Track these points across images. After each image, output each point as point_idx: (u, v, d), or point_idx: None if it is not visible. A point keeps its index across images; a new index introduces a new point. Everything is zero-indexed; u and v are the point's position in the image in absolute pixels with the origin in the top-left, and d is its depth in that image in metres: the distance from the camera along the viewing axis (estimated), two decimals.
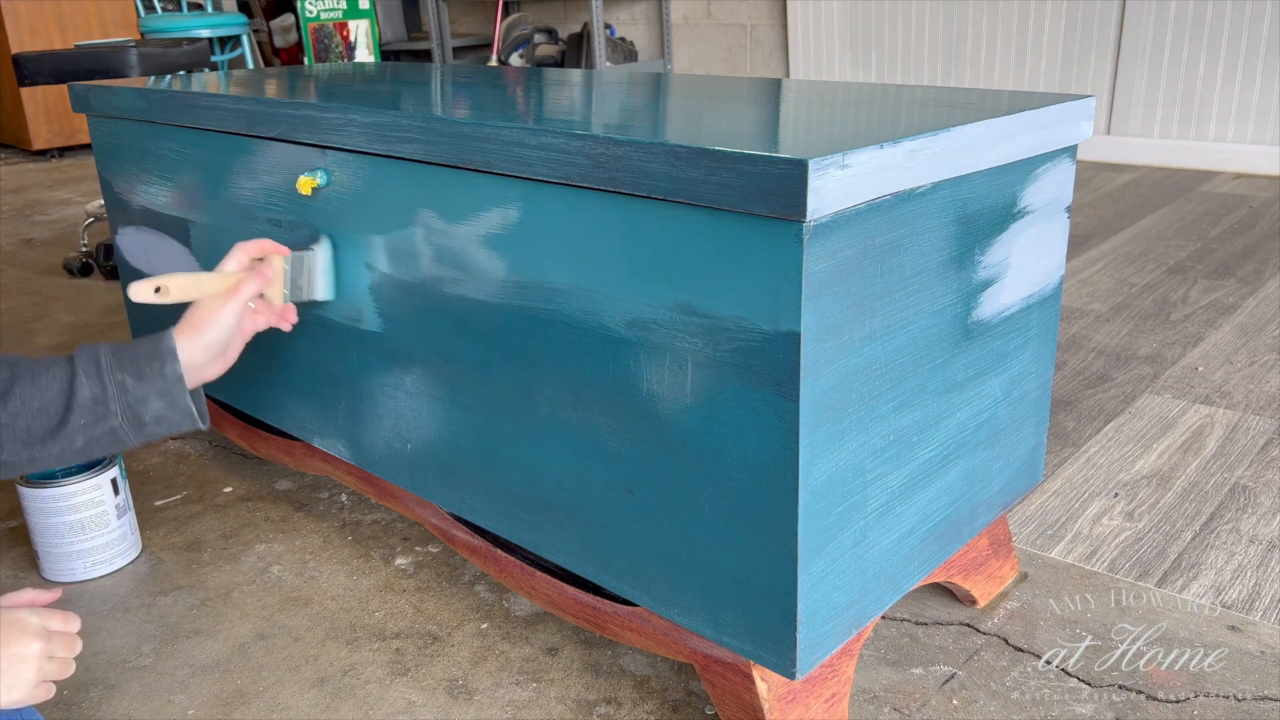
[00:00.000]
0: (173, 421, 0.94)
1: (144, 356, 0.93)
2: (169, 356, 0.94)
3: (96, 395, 0.90)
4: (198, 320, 0.98)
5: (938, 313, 0.87)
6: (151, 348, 0.94)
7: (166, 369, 0.93)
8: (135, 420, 0.92)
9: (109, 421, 0.91)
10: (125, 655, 1.13)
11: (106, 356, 0.92)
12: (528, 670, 1.07)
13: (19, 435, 0.88)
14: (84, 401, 0.90)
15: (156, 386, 0.93)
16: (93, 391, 0.90)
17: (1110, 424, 1.58)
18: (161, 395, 0.93)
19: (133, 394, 0.91)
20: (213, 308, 0.98)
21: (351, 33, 4.62)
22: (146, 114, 1.33)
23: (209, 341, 0.97)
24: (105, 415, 0.90)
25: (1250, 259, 2.39)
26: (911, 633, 1.11)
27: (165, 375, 0.93)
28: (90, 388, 0.90)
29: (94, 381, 0.90)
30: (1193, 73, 3.35)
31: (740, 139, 0.76)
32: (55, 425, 0.89)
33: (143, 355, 0.93)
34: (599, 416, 0.89)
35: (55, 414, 0.89)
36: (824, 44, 4.23)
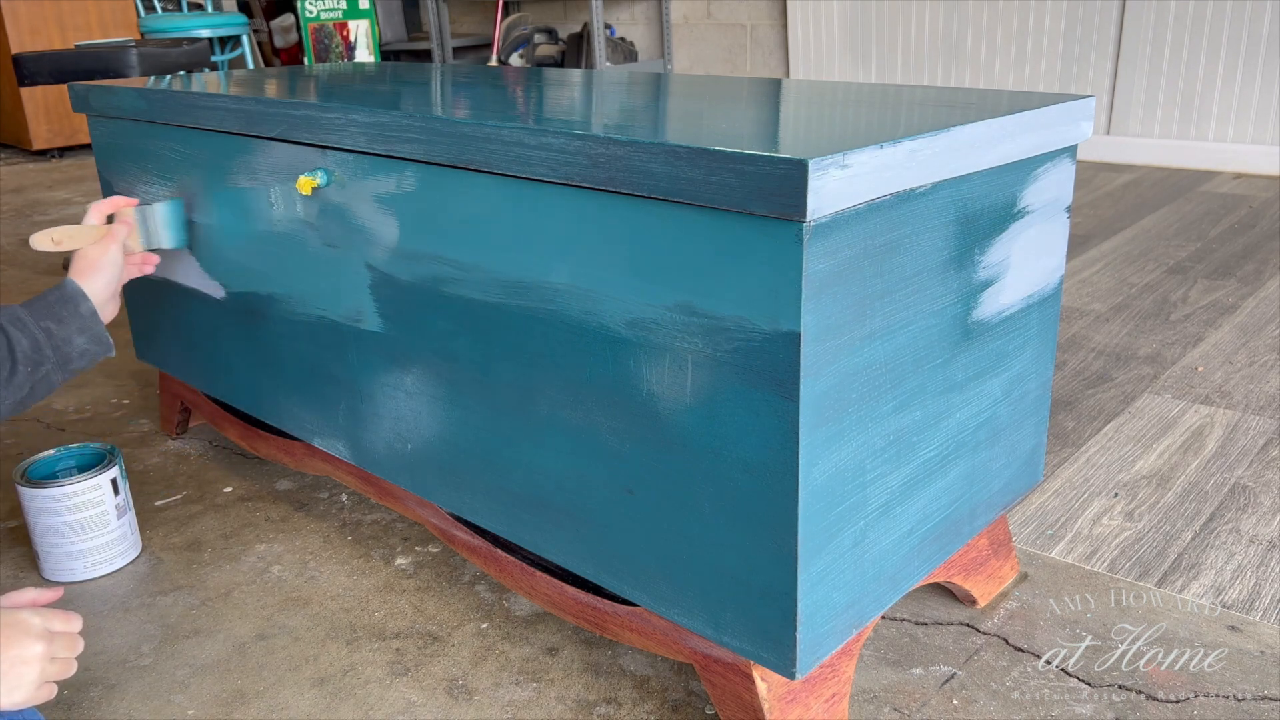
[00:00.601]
0: (94, 353, 1.09)
1: (57, 303, 1.07)
2: (79, 298, 1.08)
3: (33, 343, 1.03)
4: (90, 263, 1.12)
5: (938, 313, 0.87)
6: (60, 295, 1.07)
7: (81, 308, 1.08)
8: (64, 359, 1.06)
9: (44, 367, 1.03)
10: (125, 655, 1.13)
11: (23, 312, 1.04)
12: (528, 670, 1.07)
13: None
14: (25, 351, 1.02)
15: (76, 325, 1.07)
16: (30, 340, 1.03)
17: (1110, 424, 1.58)
18: (82, 331, 1.07)
19: (58, 336, 1.05)
20: (99, 252, 1.13)
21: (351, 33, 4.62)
22: (146, 114, 1.33)
23: (107, 279, 1.12)
24: (41, 360, 1.03)
25: (1250, 259, 2.39)
26: (911, 633, 1.11)
27: (82, 314, 1.07)
28: (25, 338, 1.02)
29: (25, 333, 1.03)
30: (1193, 73, 3.35)
31: (740, 139, 0.76)
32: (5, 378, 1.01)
33: (55, 302, 1.07)
34: (599, 416, 0.89)
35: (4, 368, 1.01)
36: (824, 44, 4.23)
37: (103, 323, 1.10)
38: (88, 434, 1.71)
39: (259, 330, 1.29)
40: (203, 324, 1.40)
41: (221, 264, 1.31)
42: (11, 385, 1.01)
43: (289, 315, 1.23)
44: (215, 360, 1.41)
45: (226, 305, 1.33)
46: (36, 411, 1.81)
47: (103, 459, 1.31)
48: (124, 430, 1.72)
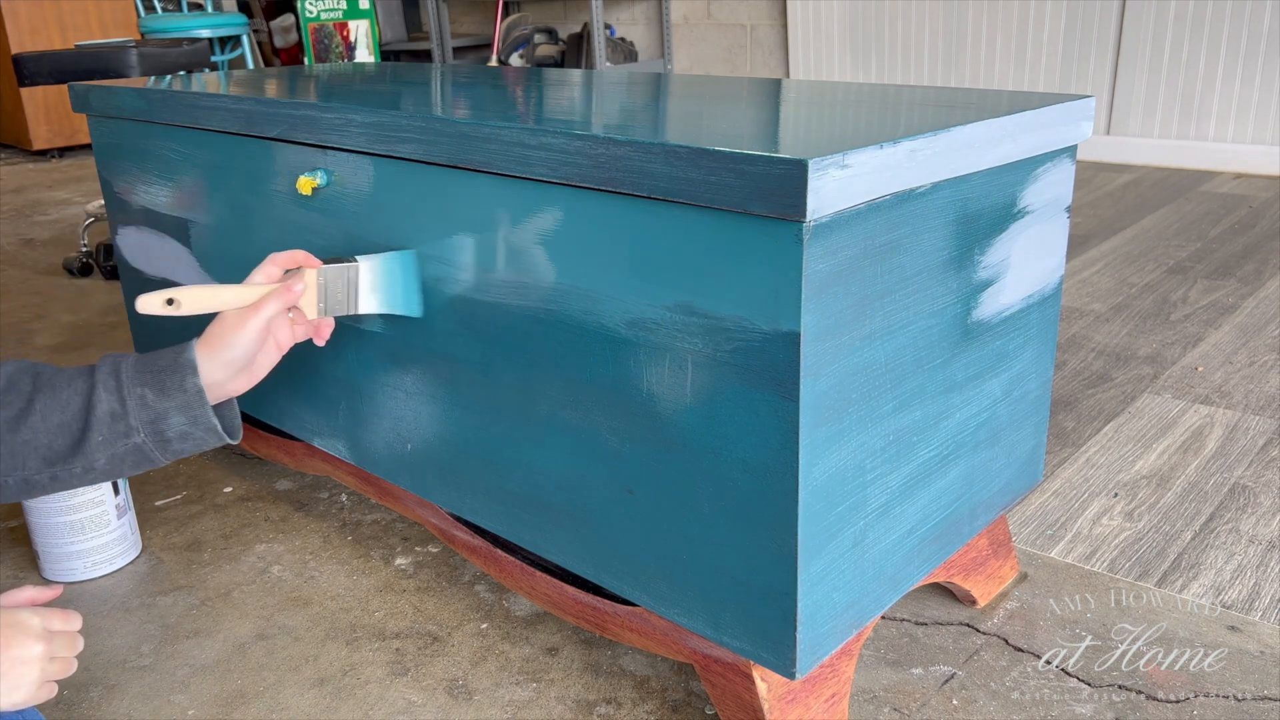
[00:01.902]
0: (197, 438, 0.90)
1: (165, 370, 0.89)
2: (189, 370, 0.89)
3: (115, 410, 0.86)
4: (217, 335, 0.92)
5: (938, 313, 0.87)
6: (172, 360, 0.89)
7: (187, 383, 0.88)
8: (159, 436, 0.88)
9: (131, 439, 0.87)
10: (125, 655, 1.13)
11: (127, 370, 0.88)
12: (528, 670, 1.07)
13: (40, 452, 0.85)
14: (102, 417, 0.86)
15: (177, 401, 0.88)
16: (110, 406, 0.86)
17: (1110, 424, 1.58)
18: (182, 410, 0.88)
19: (154, 409, 0.87)
20: (233, 324, 0.92)
21: (351, 33, 4.62)
22: (146, 114, 1.33)
23: (227, 360, 0.91)
24: (126, 432, 0.87)
25: (1250, 259, 2.39)
26: (911, 633, 1.11)
27: (186, 389, 0.88)
28: (109, 402, 0.86)
29: (113, 396, 0.86)
30: (1193, 73, 3.35)
31: (740, 139, 0.76)
32: (75, 442, 0.86)
33: (164, 368, 0.89)
34: (599, 416, 0.89)
35: (75, 430, 0.86)
36: (824, 44, 4.23)
37: (209, 406, 0.89)
38: None
39: None
40: (203, 324, 1.40)
41: (221, 264, 1.31)
42: (81, 453, 0.86)
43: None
44: None
45: None
46: None
47: None
48: None
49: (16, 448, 0.85)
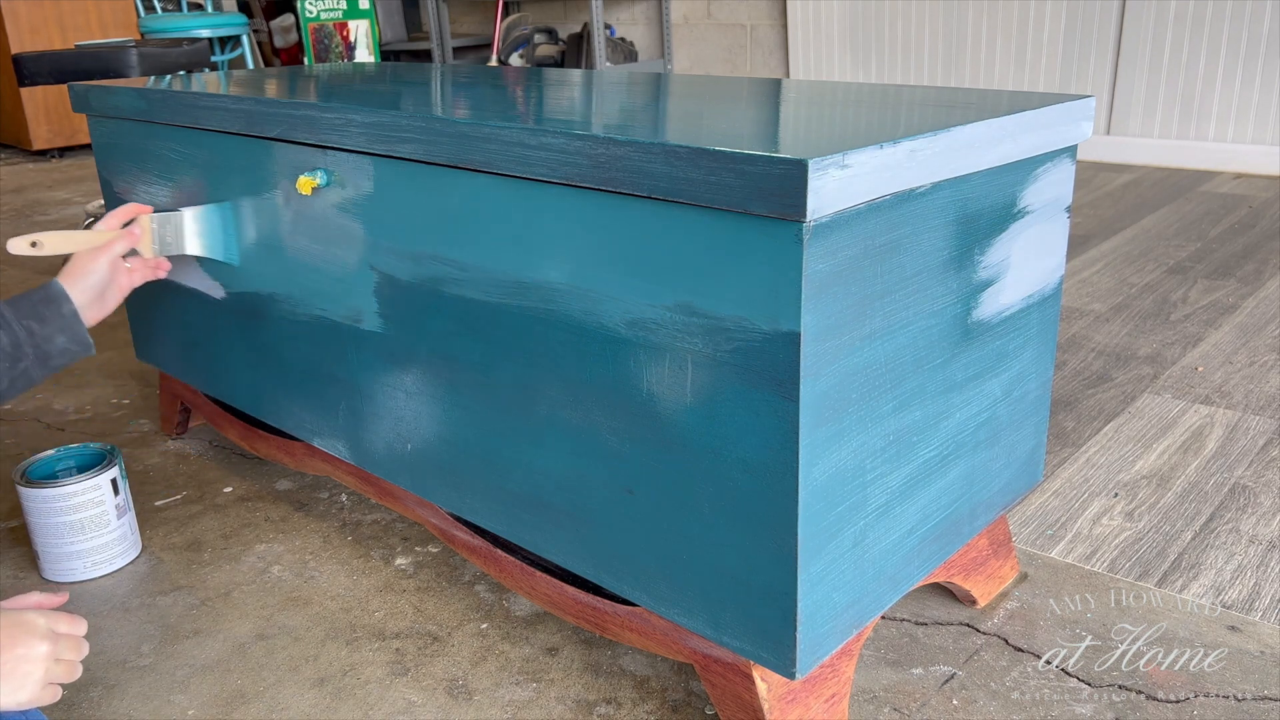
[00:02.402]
0: (73, 352, 1.11)
1: (40, 302, 1.09)
2: (62, 299, 1.10)
3: (13, 340, 1.05)
4: (77, 268, 1.14)
5: (938, 313, 0.87)
6: (45, 294, 1.10)
7: (64, 309, 1.10)
8: (43, 357, 1.08)
9: (22, 363, 1.06)
10: (125, 655, 1.13)
11: (6, 309, 1.06)
12: (528, 670, 1.07)
13: None
14: (3, 347, 1.04)
15: (58, 325, 1.09)
16: (10, 337, 1.05)
17: (1110, 424, 1.58)
18: (63, 331, 1.09)
19: (39, 335, 1.07)
20: (88, 258, 1.15)
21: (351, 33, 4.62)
22: (146, 114, 1.33)
23: (88, 285, 1.13)
24: (20, 357, 1.05)
25: (1250, 259, 2.39)
26: (911, 633, 1.11)
27: (64, 314, 1.10)
28: (5, 335, 1.05)
29: (6, 330, 1.05)
30: (1193, 73, 3.35)
31: (740, 139, 0.76)
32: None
33: (39, 301, 1.09)
34: (599, 416, 0.89)
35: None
36: (824, 44, 4.23)
37: (84, 324, 1.12)
38: (88, 434, 1.71)
39: (259, 330, 1.29)
40: (203, 324, 1.40)
41: (221, 264, 1.31)
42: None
43: (289, 315, 1.23)
44: (215, 360, 1.41)
45: (226, 305, 1.33)
46: (36, 411, 1.81)
47: (103, 459, 1.31)
48: (124, 430, 1.72)
49: None
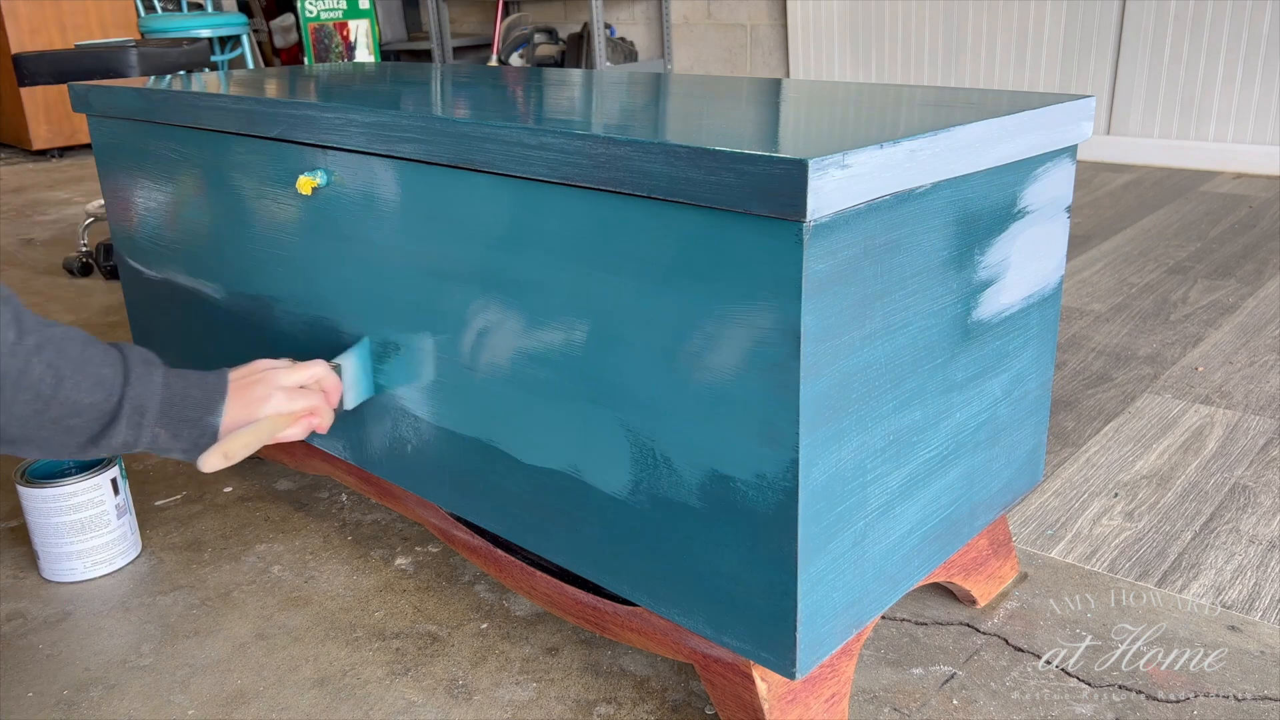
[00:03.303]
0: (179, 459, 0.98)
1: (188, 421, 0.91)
2: (209, 434, 0.92)
3: (127, 442, 0.89)
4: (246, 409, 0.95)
5: (938, 313, 0.87)
6: (198, 416, 0.91)
7: (201, 440, 0.92)
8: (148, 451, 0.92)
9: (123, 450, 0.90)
10: (125, 655, 1.13)
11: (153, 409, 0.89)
12: (528, 670, 1.07)
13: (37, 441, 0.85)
14: (113, 444, 0.88)
15: (187, 440, 0.92)
16: (125, 439, 0.88)
17: (1110, 424, 1.58)
18: (185, 452, 0.92)
19: (161, 444, 0.91)
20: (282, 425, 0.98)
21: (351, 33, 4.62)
22: (146, 114, 1.33)
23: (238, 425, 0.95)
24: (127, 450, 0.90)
25: (1250, 259, 2.39)
26: (911, 633, 1.11)
27: (199, 445, 0.92)
28: (124, 435, 0.88)
29: (131, 431, 0.88)
30: (1193, 73, 3.35)
31: (740, 139, 0.76)
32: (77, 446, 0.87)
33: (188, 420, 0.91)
34: (598, 416, 0.89)
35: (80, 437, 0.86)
36: (824, 44, 4.23)
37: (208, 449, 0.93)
38: None
39: (259, 330, 1.29)
40: (202, 324, 1.40)
41: (221, 264, 1.31)
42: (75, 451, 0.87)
43: (289, 315, 1.23)
44: (215, 360, 1.41)
45: (226, 305, 1.33)
46: None
47: (102, 459, 1.31)
48: None
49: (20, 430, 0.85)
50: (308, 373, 1.01)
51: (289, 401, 0.97)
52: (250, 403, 0.95)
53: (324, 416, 1.02)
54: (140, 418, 0.88)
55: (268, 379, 0.97)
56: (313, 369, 1.02)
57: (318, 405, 1.01)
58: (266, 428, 0.95)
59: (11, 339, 0.81)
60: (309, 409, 1.00)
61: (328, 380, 1.04)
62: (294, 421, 0.98)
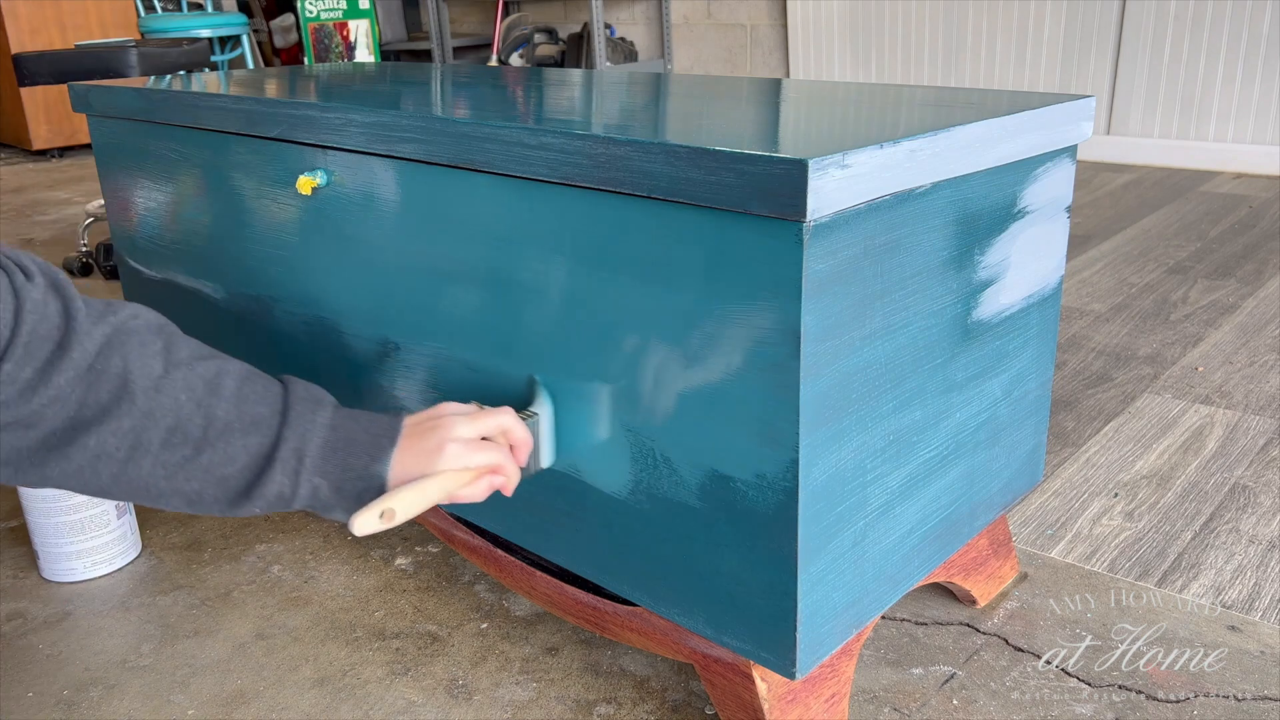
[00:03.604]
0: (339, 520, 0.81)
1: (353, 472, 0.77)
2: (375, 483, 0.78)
3: (283, 494, 0.76)
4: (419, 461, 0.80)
5: (938, 313, 0.87)
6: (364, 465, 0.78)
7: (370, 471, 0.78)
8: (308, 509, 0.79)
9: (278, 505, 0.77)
10: (125, 655, 1.13)
11: (314, 452, 0.76)
12: (528, 670, 1.07)
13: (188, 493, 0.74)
14: (269, 497, 0.75)
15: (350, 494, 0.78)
16: (280, 490, 0.75)
17: (1110, 424, 1.58)
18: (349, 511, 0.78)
19: (322, 499, 0.78)
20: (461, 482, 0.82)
21: (351, 33, 4.62)
22: (146, 114, 1.33)
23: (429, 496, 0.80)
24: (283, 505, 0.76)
25: (1250, 259, 2.39)
26: (911, 633, 1.11)
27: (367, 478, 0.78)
28: (280, 484, 0.75)
29: (289, 479, 0.75)
30: (1193, 73, 3.35)
31: (740, 139, 0.76)
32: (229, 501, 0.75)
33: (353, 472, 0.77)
34: (598, 415, 0.89)
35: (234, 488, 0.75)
36: (824, 44, 4.23)
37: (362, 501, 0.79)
38: None
39: (259, 330, 1.29)
40: (202, 324, 1.40)
41: (221, 264, 1.31)
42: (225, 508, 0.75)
43: (288, 315, 1.23)
44: None
45: (226, 305, 1.33)
46: None
47: None
48: None
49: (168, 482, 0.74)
50: (493, 421, 0.85)
51: (467, 454, 0.81)
52: (422, 454, 0.80)
53: (509, 475, 0.86)
54: (298, 464, 0.75)
55: (443, 426, 0.82)
56: (500, 418, 0.86)
57: (502, 462, 0.84)
58: (437, 486, 0.80)
59: (158, 372, 0.72)
60: (491, 465, 0.84)
61: (516, 432, 0.87)
62: (474, 480, 0.83)
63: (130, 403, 0.70)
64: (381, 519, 0.77)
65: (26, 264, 0.69)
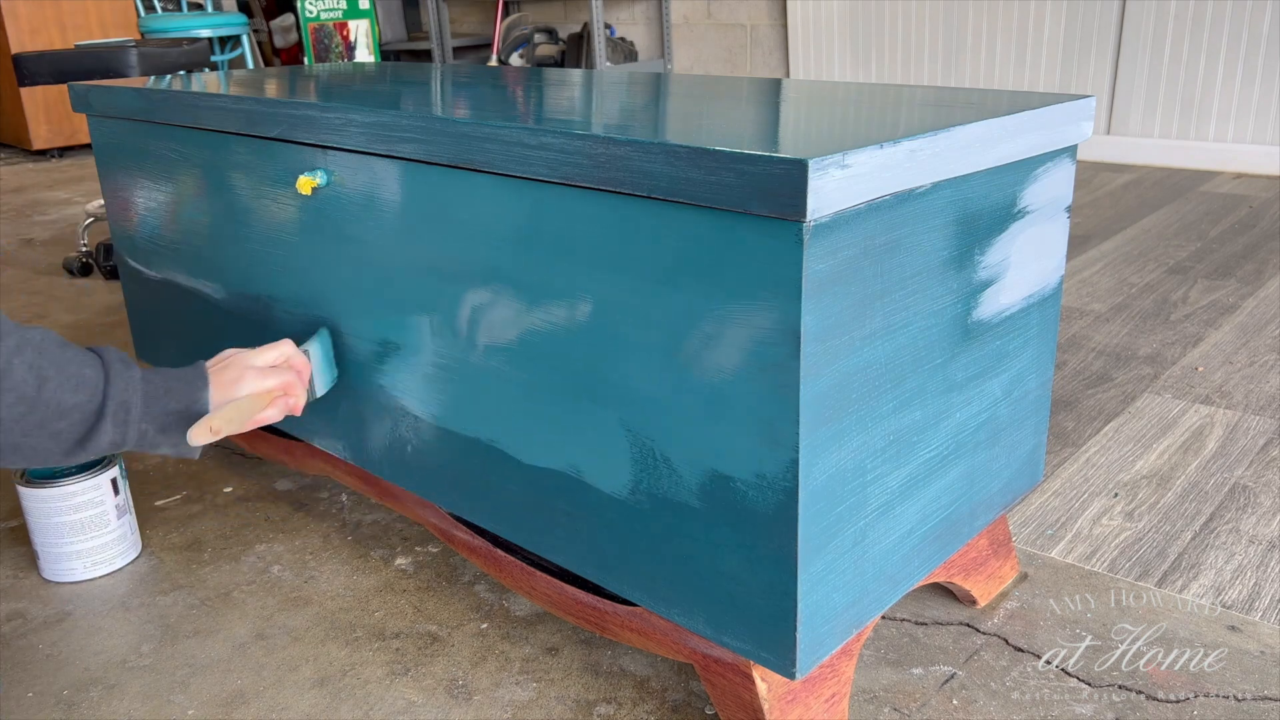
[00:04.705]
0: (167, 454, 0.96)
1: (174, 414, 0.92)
2: (199, 396, 0.95)
3: (115, 441, 0.89)
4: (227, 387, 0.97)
5: (938, 312, 0.87)
6: (183, 408, 0.93)
7: (191, 411, 0.94)
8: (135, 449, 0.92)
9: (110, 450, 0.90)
10: (125, 655, 1.13)
11: (137, 405, 0.90)
12: (528, 670, 1.07)
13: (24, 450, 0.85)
14: (100, 444, 0.88)
15: (173, 438, 0.93)
16: (112, 438, 0.88)
17: (1110, 424, 1.58)
18: (176, 446, 0.94)
19: (149, 440, 0.92)
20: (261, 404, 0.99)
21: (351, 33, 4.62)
22: (146, 114, 1.33)
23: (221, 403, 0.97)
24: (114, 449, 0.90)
25: (1250, 259, 2.39)
26: (911, 633, 1.11)
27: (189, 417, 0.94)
28: (111, 434, 0.88)
29: (119, 429, 0.89)
30: (1193, 73, 3.35)
31: (740, 139, 0.76)
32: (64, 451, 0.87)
33: (173, 413, 0.92)
34: (598, 416, 0.89)
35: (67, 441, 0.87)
36: (824, 44, 4.23)
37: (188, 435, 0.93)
38: None
39: (259, 330, 1.29)
40: (203, 324, 1.40)
41: (221, 264, 1.31)
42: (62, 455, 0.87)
43: (288, 315, 1.23)
44: None
45: (226, 305, 1.33)
46: None
47: (103, 459, 1.31)
48: None
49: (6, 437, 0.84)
50: (275, 352, 1.03)
51: (262, 379, 0.99)
52: (225, 385, 0.97)
53: (298, 395, 1.03)
54: (126, 414, 0.89)
55: (237, 361, 1.00)
56: (280, 348, 1.04)
57: (290, 382, 1.02)
58: (246, 406, 0.97)
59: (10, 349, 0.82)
60: (283, 385, 1.01)
61: (296, 359, 1.05)
62: (271, 401, 1.00)
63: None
64: (211, 432, 0.92)
65: None
